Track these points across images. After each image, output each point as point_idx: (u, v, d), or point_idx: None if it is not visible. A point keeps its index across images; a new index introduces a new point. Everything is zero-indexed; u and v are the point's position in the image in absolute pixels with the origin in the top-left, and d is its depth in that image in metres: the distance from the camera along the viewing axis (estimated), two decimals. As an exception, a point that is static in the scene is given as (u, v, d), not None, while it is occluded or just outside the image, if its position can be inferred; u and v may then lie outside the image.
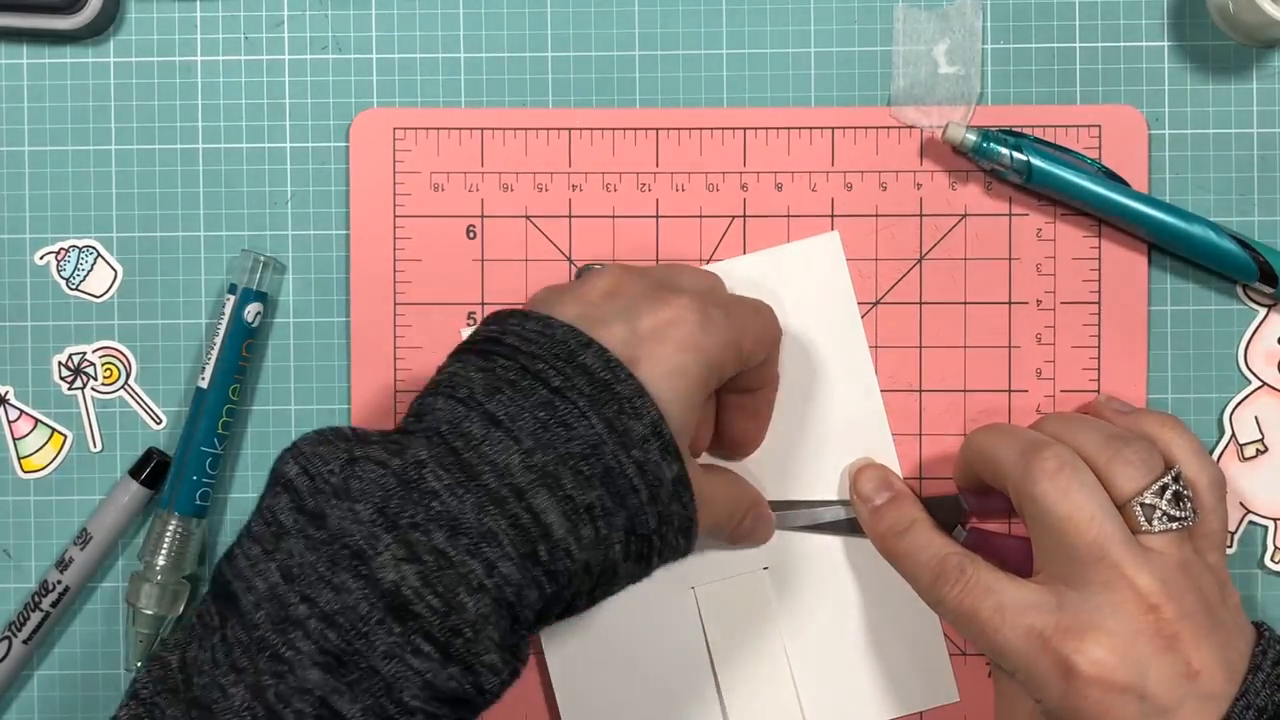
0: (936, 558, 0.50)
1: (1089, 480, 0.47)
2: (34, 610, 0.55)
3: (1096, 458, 0.48)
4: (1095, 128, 0.56)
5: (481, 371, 0.44)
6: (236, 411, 0.55)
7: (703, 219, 0.56)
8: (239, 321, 0.54)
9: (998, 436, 0.51)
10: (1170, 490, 0.47)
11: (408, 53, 0.56)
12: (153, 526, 0.55)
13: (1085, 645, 0.46)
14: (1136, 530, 0.47)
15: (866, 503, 0.54)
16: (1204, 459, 0.50)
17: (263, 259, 0.55)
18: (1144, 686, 0.45)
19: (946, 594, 0.49)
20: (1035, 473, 0.48)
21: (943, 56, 0.56)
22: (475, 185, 0.56)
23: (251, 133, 0.56)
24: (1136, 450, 0.48)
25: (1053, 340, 0.56)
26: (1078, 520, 0.47)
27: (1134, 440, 0.49)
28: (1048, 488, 0.47)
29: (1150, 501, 0.47)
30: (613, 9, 0.56)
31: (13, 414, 0.57)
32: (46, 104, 0.56)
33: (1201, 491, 0.49)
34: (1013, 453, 0.49)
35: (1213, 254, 0.54)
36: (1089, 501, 0.47)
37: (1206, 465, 0.50)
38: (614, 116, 0.56)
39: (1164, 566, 0.46)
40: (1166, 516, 0.47)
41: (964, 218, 0.56)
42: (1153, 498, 0.47)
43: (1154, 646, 0.45)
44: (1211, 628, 0.46)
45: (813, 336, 0.55)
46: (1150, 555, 0.47)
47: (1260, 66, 0.56)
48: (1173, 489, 0.48)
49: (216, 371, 0.54)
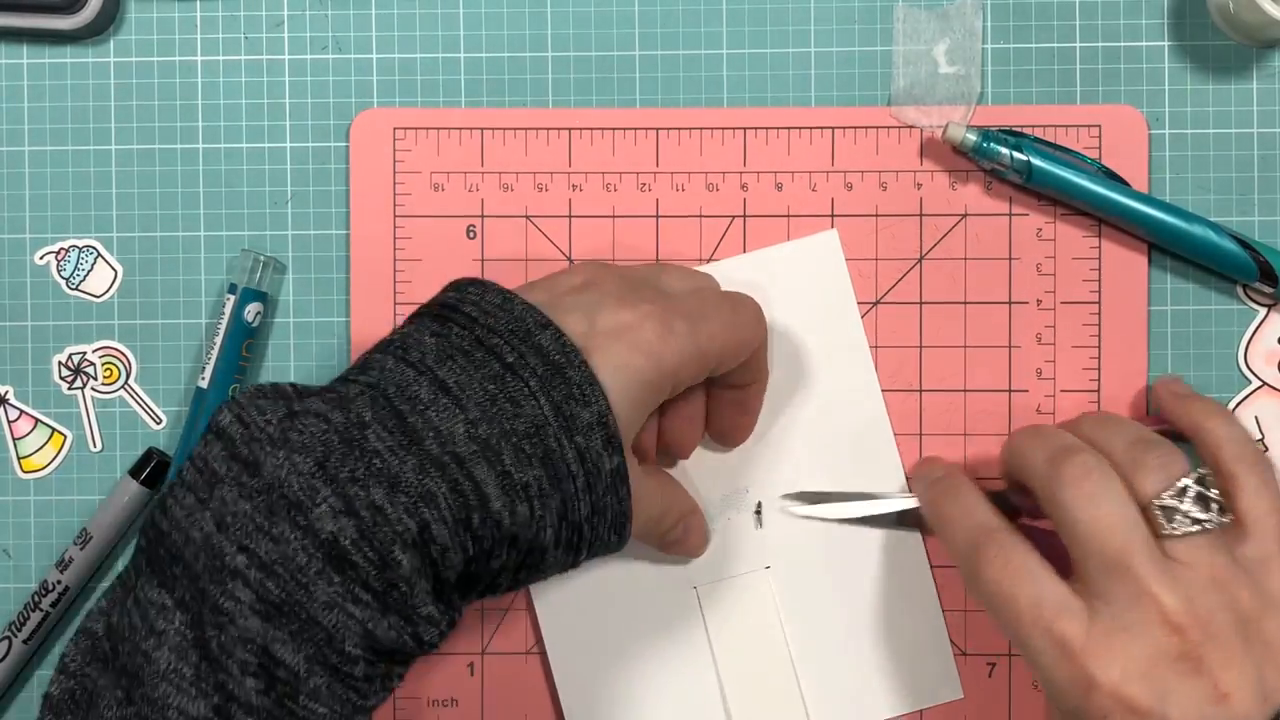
0: (982, 527, 0.49)
1: (1115, 488, 0.46)
2: (34, 610, 0.55)
3: (1122, 463, 0.47)
4: (1095, 128, 0.56)
5: (435, 336, 0.44)
6: None
7: (703, 219, 0.56)
8: (239, 321, 0.54)
9: (1031, 439, 0.50)
10: (1192, 491, 0.46)
11: (408, 53, 0.56)
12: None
13: (1108, 663, 0.44)
14: (1159, 535, 0.46)
15: (922, 481, 0.53)
16: (1250, 456, 0.48)
17: (263, 259, 0.55)
18: (1165, 711, 0.43)
19: (984, 568, 0.47)
20: (1061, 479, 0.47)
21: (943, 56, 0.56)
22: (475, 185, 0.56)
23: (251, 133, 0.56)
24: (1159, 454, 0.47)
25: (1053, 340, 0.56)
26: (1101, 530, 0.45)
27: (1160, 443, 0.48)
28: (1073, 494, 0.46)
29: (1169, 503, 0.46)
30: (613, 9, 0.56)
31: (13, 414, 0.57)
32: (46, 104, 0.56)
33: (1243, 492, 0.48)
34: (1041, 458, 0.48)
35: (1213, 254, 0.54)
36: (1113, 510, 0.46)
37: (1252, 463, 0.48)
38: (614, 116, 0.56)
39: (1192, 582, 0.45)
40: (1188, 519, 0.46)
41: (964, 218, 0.56)
42: (1172, 499, 0.46)
43: (1178, 670, 0.44)
44: (1245, 647, 0.44)
45: (812, 335, 0.55)
46: (1177, 569, 0.45)
47: (1260, 66, 0.56)
48: (1195, 490, 0.46)
49: (216, 371, 0.54)
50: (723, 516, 0.55)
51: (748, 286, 0.54)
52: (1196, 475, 0.47)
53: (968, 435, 0.56)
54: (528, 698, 0.56)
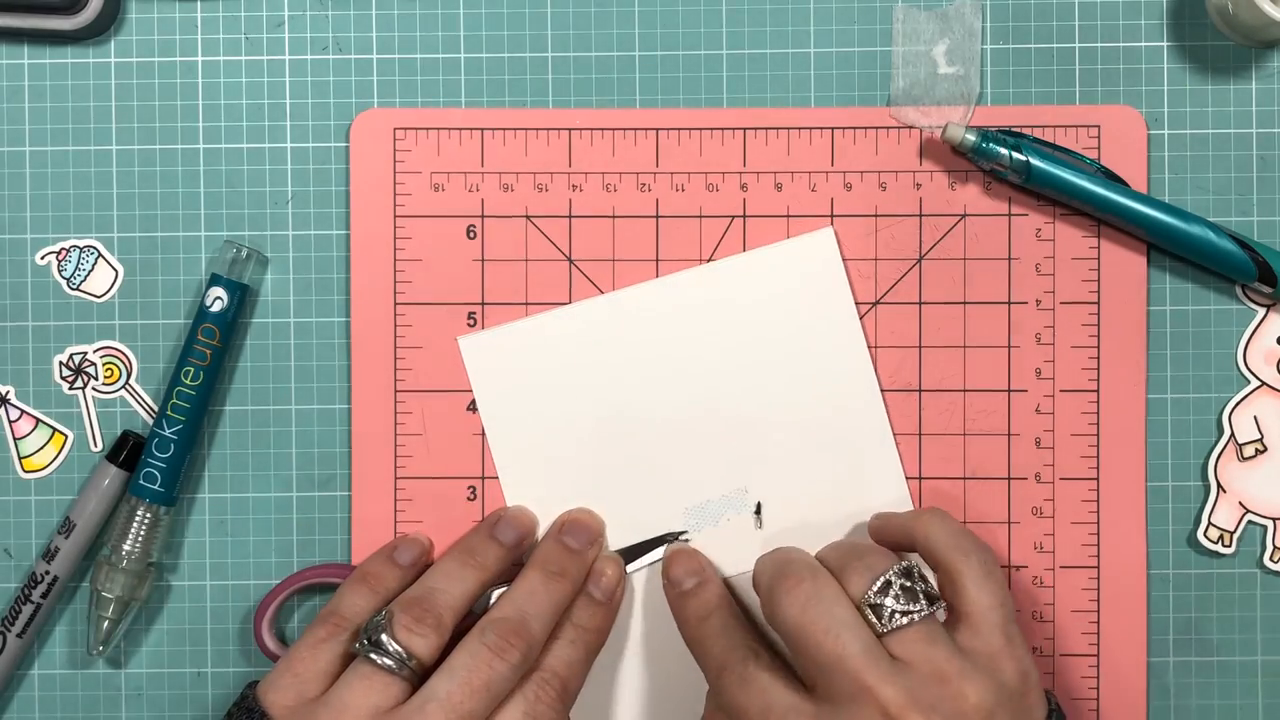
0: (728, 648, 0.50)
1: (828, 593, 0.47)
2: (25, 603, 0.55)
3: (835, 570, 0.48)
4: (1094, 128, 0.56)
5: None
6: (192, 397, 0.54)
7: (703, 219, 0.56)
8: (200, 305, 0.55)
9: (763, 560, 0.51)
10: (896, 585, 0.47)
11: (408, 53, 0.56)
12: (119, 511, 0.55)
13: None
14: (880, 633, 0.46)
15: (675, 587, 0.54)
16: (965, 545, 0.49)
17: (244, 251, 0.55)
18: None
19: (724, 684, 0.49)
20: (780, 589, 0.48)
21: (942, 57, 0.56)
22: (475, 185, 0.56)
23: (251, 133, 0.56)
24: (867, 556, 0.48)
25: (1052, 340, 0.56)
26: (816, 632, 0.46)
27: (871, 549, 0.49)
28: (789, 601, 0.47)
29: (875, 600, 0.46)
30: (613, 9, 0.56)
31: (13, 414, 0.57)
32: (47, 104, 0.56)
33: (965, 584, 0.48)
34: (767, 575, 0.49)
35: (1212, 254, 0.54)
36: (826, 612, 0.46)
37: (968, 551, 0.49)
38: (614, 116, 0.56)
39: (912, 675, 0.45)
40: (897, 612, 0.46)
41: (963, 218, 0.56)
42: (877, 596, 0.47)
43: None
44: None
45: (810, 333, 0.56)
46: (897, 666, 0.45)
47: (1259, 66, 0.56)
48: (899, 583, 0.47)
49: (179, 353, 0.55)
50: (723, 517, 0.55)
51: (740, 287, 0.55)
52: (900, 568, 0.47)
53: (967, 435, 0.56)
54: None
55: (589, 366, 0.56)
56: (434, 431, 0.56)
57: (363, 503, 0.56)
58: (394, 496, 0.56)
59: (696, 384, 0.55)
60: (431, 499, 0.56)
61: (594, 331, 0.56)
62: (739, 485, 0.56)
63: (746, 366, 0.55)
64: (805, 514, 0.55)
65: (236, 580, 0.56)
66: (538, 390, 0.56)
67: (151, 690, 0.57)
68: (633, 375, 0.56)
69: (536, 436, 0.56)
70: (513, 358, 0.56)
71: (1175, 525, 0.56)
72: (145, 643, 0.57)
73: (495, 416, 0.56)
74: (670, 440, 0.56)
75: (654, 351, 0.56)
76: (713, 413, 0.55)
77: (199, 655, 0.57)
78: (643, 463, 0.56)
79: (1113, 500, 0.56)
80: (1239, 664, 0.56)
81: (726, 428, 0.55)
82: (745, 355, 0.55)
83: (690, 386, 0.55)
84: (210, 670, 0.57)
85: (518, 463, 0.56)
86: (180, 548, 0.57)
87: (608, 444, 0.56)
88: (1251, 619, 0.56)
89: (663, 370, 0.56)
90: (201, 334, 0.55)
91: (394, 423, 0.56)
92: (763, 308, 0.55)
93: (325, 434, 0.56)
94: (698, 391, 0.55)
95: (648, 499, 0.56)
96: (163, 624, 0.57)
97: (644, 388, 0.56)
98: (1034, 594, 0.56)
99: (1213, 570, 0.56)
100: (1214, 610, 0.56)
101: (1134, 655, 0.56)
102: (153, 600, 0.56)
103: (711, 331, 0.56)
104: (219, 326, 0.55)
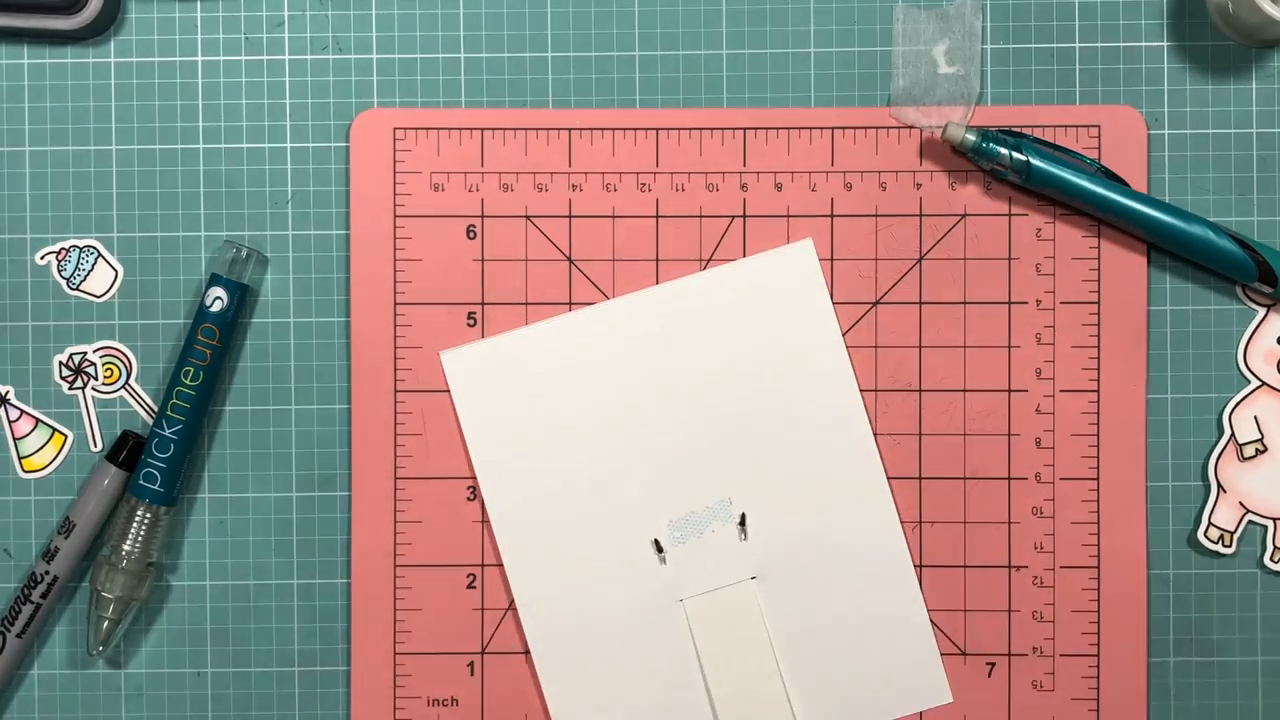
0: None
1: None
2: (24, 603, 0.55)
3: None
4: (1095, 128, 0.56)
5: None
6: (192, 397, 0.54)
7: (703, 219, 0.56)
8: (200, 305, 0.55)
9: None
10: None
11: (408, 53, 0.56)
12: (119, 511, 0.55)
13: None
14: None
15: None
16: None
17: (244, 250, 0.55)
18: None
19: None
20: None
21: (942, 57, 0.56)
22: (475, 185, 0.56)
23: (251, 133, 0.56)
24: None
25: (1052, 340, 0.56)
26: None
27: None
28: None
29: None
30: (613, 9, 0.56)
31: (13, 414, 0.57)
32: (46, 104, 0.56)
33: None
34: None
35: (1212, 254, 0.54)
36: None
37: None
38: (614, 116, 0.56)
39: None
40: None
41: (963, 218, 0.56)
42: None
43: None
44: None
45: (790, 345, 0.55)
46: None
47: (1260, 66, 0.56)
48: None
49: (179, 353, 0.55)
50: (707, 529, 0.55)
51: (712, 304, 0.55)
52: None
53: (967, 435, 0.56)
54: (528, 698, 0.56)
55: (571, 379, 0.55)
56: (434, 431, 0.56)
57: (363, 503, 0.56)
58: (394, 496, 0.56)
59: (678, 396, 0.55)
60: (431, 499, 0.56)
61: (576, 344, 0.55)
62: (723, 497, 0.55)
63: (728, 377, 0.55)
64: (789, 523, 0.55)
65: (236, 580, 0.56)
66: (520, 403, 0.55)
67: (151, 690, 0.57)
68: (615, 387, 0.55)
69: (519, 449, 0.55)
70: (495, 371, 0.55)
71: (1175, 525, 0.56)
72: (145, 643, 0.57)
73: (478, 429, 0.56)
74: (653, 452, 0.55)
75: (636, 364, 0.55)
76: (695, 425, 0.55)
77: (199, 655, 0.57)
78: (625, 475, 0.55)
79: (1113, 500, 0.56)
80: (1239, 664, 0.56)
81: (709, 440, 0.55)
82: (727, 366, 0.55)
83: (672, 398, 0.55)
84: (210, 670, 0.57)
85: (500, 476, 0.55)
86: (180, 548, 0.57)
87: (590, 456, 0.55)
88: (1251, 619, 0.56)
89: (644, 382, 0.55)
90: (201, 334, 0.55)
91: (394, 423, 0.56)
92: (743, 319, 0.55)
93: (325, 434, 0.56)
94: (679, 403, 0.55)
95: (631, 511, 0.55)
96: (163, 624, 0.57)
97: (626, 400, 0.55)
98: (1034, 594, 0.56)
99: (1213, 570, 0.56)
100: (1214, 610, 0.56)
101: (1134, 655, 0.56)
102: (153, 600, 0.56)
103: (693, 343, 0.55)
104: (219, 326, 0.55)
